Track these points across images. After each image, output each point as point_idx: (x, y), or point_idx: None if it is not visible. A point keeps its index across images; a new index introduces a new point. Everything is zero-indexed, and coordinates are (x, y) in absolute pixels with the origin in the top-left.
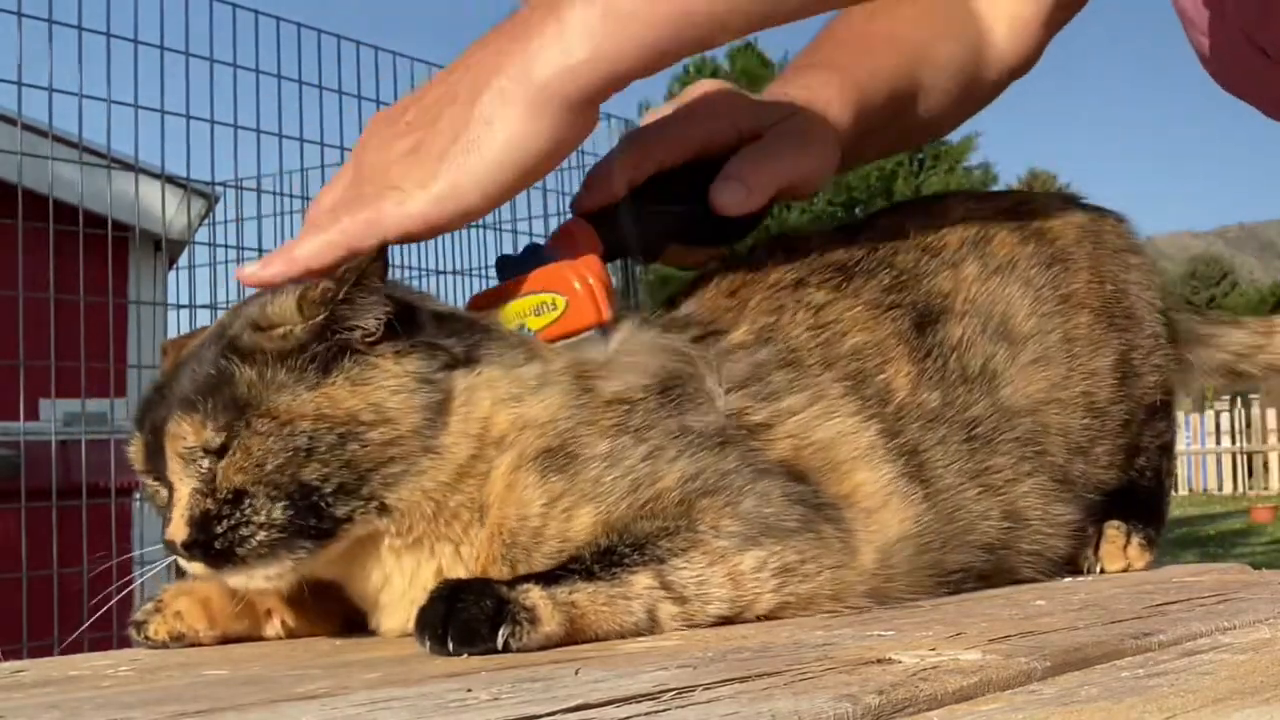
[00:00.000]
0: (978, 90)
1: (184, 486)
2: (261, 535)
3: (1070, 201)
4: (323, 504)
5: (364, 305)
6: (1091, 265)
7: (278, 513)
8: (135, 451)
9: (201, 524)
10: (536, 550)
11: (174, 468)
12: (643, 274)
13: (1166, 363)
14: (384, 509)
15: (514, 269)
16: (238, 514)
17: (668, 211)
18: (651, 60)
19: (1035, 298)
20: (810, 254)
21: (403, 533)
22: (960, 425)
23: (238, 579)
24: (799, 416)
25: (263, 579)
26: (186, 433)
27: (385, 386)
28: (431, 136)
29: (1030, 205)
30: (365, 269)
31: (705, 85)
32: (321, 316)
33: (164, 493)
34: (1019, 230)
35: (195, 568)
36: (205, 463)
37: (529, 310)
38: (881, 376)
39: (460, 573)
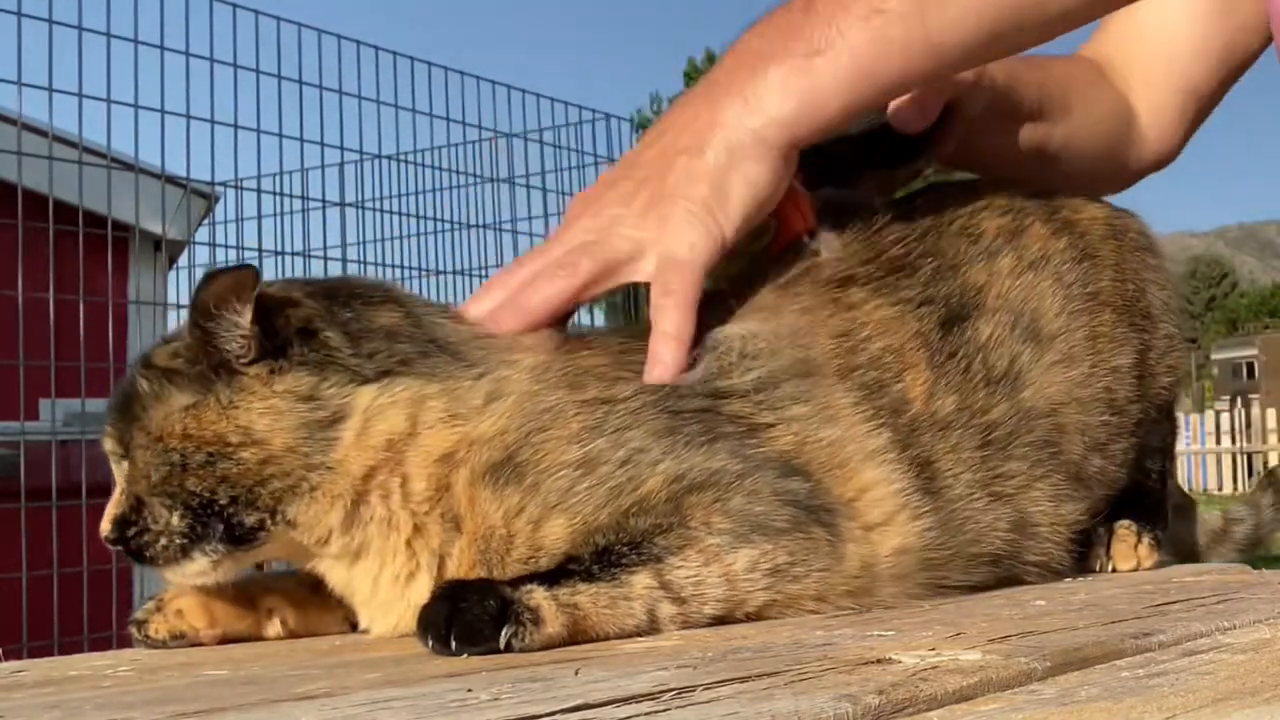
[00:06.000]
0: (1120, 157)
1: (118, 487)
2: (163, 540)
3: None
4: (225, 514)
5: (226, 328)
6: (1116, 263)
7: (175, 520)
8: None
9: (120, 524)
10: (508, 556)
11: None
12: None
13: (1178, 364)
14: (290, 522)
15: None
16: (140, 520)
17: (848, 137)
18: (848, 110)
19: (1065, 295)
20: (873, 238)
21: (322, 542)
22: (976, 430)
23: (167, 575)
24: (804, 422)
25: (185, 576)
26: (106, 440)
27: (253, 409)
28: (668, 186)
29: (1057, 197)
30: (222, 293)
31: None
32: (194, 337)
33: None
34: (1051, 222)
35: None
36: (125, 467)
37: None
38: (899, 385)
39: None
